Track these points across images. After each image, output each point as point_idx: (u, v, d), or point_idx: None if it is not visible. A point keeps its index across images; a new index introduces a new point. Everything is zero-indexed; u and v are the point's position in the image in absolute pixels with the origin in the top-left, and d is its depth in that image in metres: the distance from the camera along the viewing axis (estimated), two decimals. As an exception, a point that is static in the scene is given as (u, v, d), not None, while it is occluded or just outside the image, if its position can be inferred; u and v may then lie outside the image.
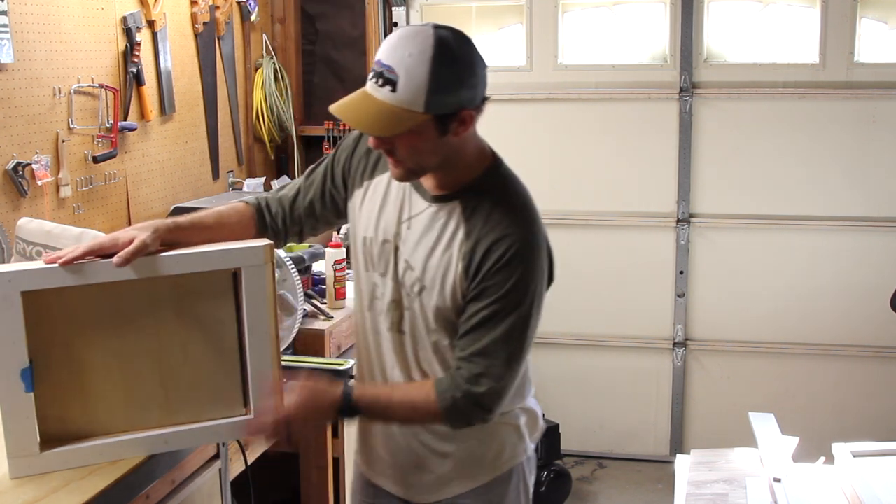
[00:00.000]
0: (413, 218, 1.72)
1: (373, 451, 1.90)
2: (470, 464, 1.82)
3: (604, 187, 4.10)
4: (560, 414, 4.07)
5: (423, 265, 1.69)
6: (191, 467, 1.90)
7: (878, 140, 3.84)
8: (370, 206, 1.79)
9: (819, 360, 4.03)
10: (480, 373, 1.64)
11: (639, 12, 4.02)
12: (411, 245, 1.71)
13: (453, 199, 1.69)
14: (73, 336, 1.61)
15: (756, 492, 2.07)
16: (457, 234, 1.67)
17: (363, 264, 1.80)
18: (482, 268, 1.63)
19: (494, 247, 1.62)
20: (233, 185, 3.98)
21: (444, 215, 1.69)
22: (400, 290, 1.74)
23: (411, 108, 1.54)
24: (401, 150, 1.61)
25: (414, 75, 1.53)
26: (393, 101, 1.54)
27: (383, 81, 1.54)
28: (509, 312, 1.64)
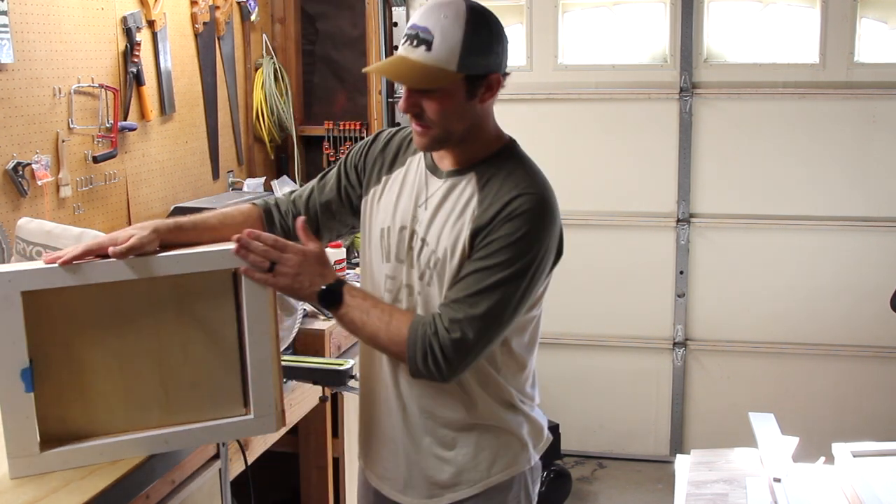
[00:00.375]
0: (429, 199, 1.74)
1: (374, 451, 1.90)
2: (469, 469, 1.80)
3: (604, 187, 4.10)
4: (560, 414, 4.07)
5: (437, 238, 1.71)
6: (191, 467, 1.90)
7: (878, 140, 3.84)
8: (388, 198, 1.81)
9: (819, 360, 4.03)
10: (458, 319, 1.61)
11: (639, 12, 4.02)
12: (426, 223, 1.73)
13: (468, 172, 1.72)
14: (73, 336, 1.61)
15: (756, 492, 2.07)
16: (470, 202, 1.69)
17: (379, 256, 1.80)
18: (490, 224, 1.64)
19: (506, 206, 1.63)
20: (233, 185, 3.98)
21: (459, 188, 1.71)
22: (412, 275, 1.74)
23: (445, 67, 1.60)
24: (430, 111, 1.64)
25: (448, 35, 1.59)
26: (428, 59, 1.60)
27: (418, 42, 1.60)
28: (507, 264, 1.61)
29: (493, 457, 1.80)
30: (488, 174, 1.70)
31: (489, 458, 1.80)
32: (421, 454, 1.81)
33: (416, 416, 1.79)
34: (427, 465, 1.81)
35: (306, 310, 2.94)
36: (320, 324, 2.96)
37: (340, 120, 4.27)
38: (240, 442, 2.21)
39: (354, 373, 2.22)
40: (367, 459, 1.94)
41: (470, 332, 1.61)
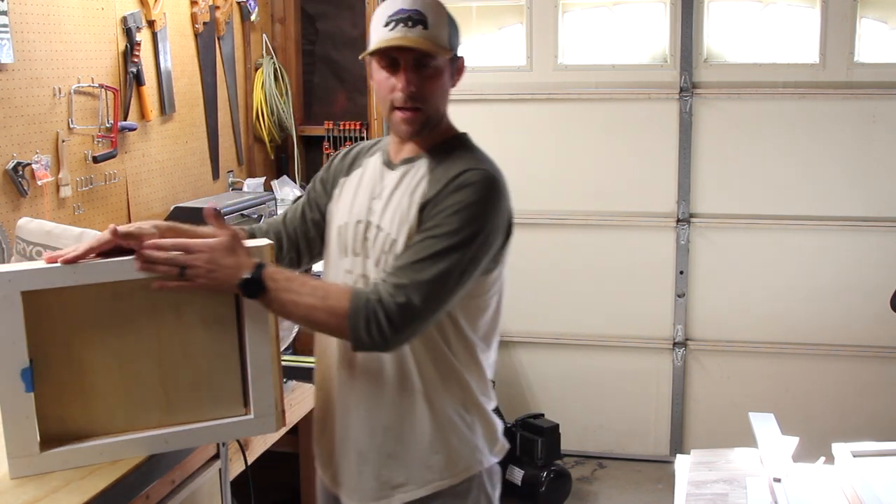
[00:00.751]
0: (384, 189, 1.78)
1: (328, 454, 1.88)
2: (419, 468, 1.78)
3: (604, 187, 4.10)
4: (560, 414, 4.07)
5: (391, 221, 1.73)
6: (191, 467, 1.89)
7: (878, 140, 3.84)
8: (345, 198, 1.84)
9: (819, 360, 4.03)
10: (403, 284, 1.58)
11: (639, 12, 4.02)
12: (380, 211, 1.75)
13: (420, 158, 1.76)
14: (73, 336, 1.61)
15: (756, 492, 2.07)
16: (421, 182, 1.72)
17: (337, 253, 1.82)
18: (438, 195, 1.66)
19: (454, 179, 1.66)
20: (233, 185, 3.98)
21: (411, 173, 1.75)
22: (368, 265, 1.75)
23: (442, 44, 1.68)
24: (426, 89, 1.69)
25: (438, 16, 1.69)
26: (429, 36, 1.67)
27: (413, 22, 1.66)
28: (453, 235, 1.61)
29: (446, 458, 1.78)
30: (439, 157, 1.74)
31: (442, 460, 1.77)
32: (373, 453, 1.79)
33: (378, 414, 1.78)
34: (379, 464, 1.80)
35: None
36: (320, 324, 2.95)
37: (340, 120, 4.28)
38: (240, 442, 2.21)
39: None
40: (321, 462, 1.93)
41: (415, 297, 1.58)
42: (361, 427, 1.80)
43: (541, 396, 4.30)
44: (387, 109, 1.74)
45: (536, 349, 4.24)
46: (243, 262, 1.59)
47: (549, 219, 4.11)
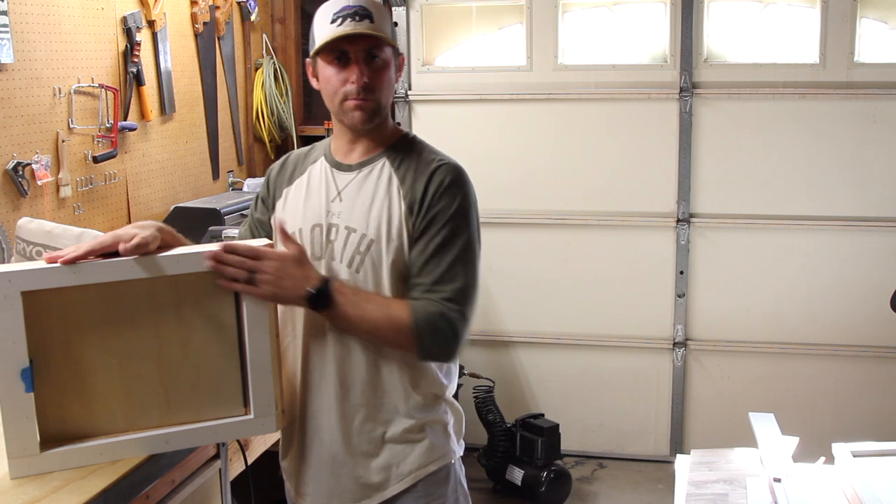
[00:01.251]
0: (343, 191, 1.80)
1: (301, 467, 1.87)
2: (399, 463, 1.80)
3: (604, 187, 4.10)
4: (560, 414, 4.07)
5: (365, 221, 1.75)
6: (191, 467, 1.90)
7: (878, 140, 3.84)
8: (294, 204, 1.85)
9: (819, 360, 4.03)
10: (449, 297, 1.69)
11: (639, 12, 4.02)
12: (346, 212, 1.77)
13: (378, 159, 1.80)
14: (73, 336, 1.61)
15: (756, 492, 2.07)
16: (391, 182, 1.76)
17: None
18: (425, 199, 1.72)
19: (432, 178, 1.74)
20: (233, 185, 3.98)
21: (375, 174, 1.78)
22: (335, 266, 1.75)
23: (389, 36, 1.76)
24: (377, 80, 1.74)
25: (381, 12, 1.75)
26: (376, 29, 1.73)
27: (360, 17, 1.71)
28: (458, 235, 1.72)
29: (424, 448, 1.81)
30: (398, 156, 1.80)
31: (420, 450, 1.80)
32: (350, 455, 1.80)
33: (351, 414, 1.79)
34: (356, 466, 1.80)
35: (306, 310, 2.94)
36: (320, 324, 2.95)
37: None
38: (240, 442, 2.21)
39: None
40: (289, 473, 1.93)
41: (464, 304, 1.70)
42: (334, 429, 1.80)
43: (541, 396, 4.29)
44: (337, 103, 1.77)
45: (536, 349, 4.23)
46: (311, 275, 1.66)
47: (549, 219, 4.11)
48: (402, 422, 1.79)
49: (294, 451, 1.89)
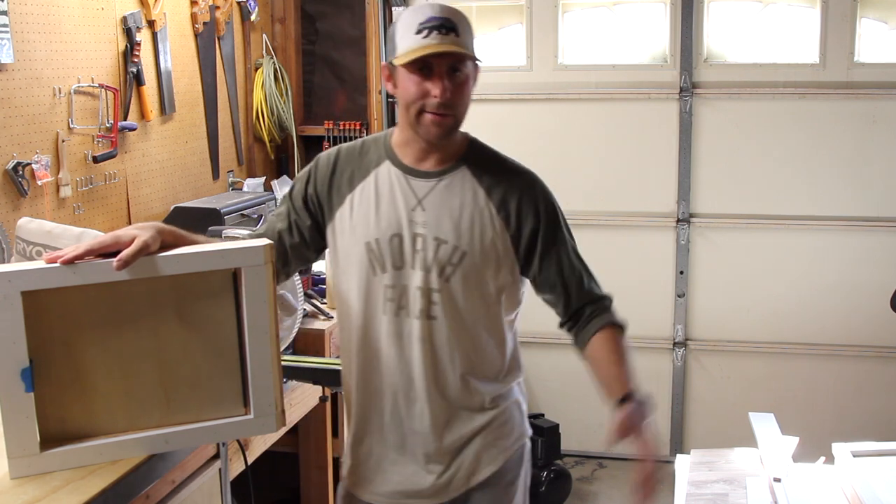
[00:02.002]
0: (424, 199, 1.78)
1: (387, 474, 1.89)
2: (488, 449, 1.87)
3: (604, 187, 4.10)
4: (560, 414, 4.07)
5: (455, 233, 1.76)
6: (191, 467, 1.90)
7: (878, 140, 3.84)
8: (362, 212, 1.81)
9: (819, 360, 4.03)
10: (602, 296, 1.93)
11: (639, 12, 4.02)
12: (434, 222, 1.77)
13: (456, 168, 1.80)
14: (73, 336, 1.60)
15: (756, 492, 2.07)
16: (478, 193, 1.79)
17: (369, 269, 1.80)
18: (530, 213, 1.81)
19: (523, 193, 1.81)
20: (233, 185, 3.98)
21: (457, 183, 1.79)
22: (423, 277, 1.77)
23: (472, 50, 1.75)
24: (458, 96, 1.73)
25: (464, 24, 1.74)
26: (462, 44, 1.71)
27: (446, 30, 1.70)
28: (570, 241, 1.91)
29: (511, 427, 1.91)
30: (475, 166, 1.81)
31: (507, 432, 1.90)
32: (441, 449, 1.84)
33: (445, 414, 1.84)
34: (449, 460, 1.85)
35: (306, 310, 2.95)
36: (320, 324, 2.96)
37: (340, 120, 4.28)
38: (240, 442, 2.21)
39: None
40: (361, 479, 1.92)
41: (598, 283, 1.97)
42: (425, 428, 1.84)
43: (541, 396, 4.29)
44: (414, 114, 1.74)
45: (536, 349, 4.23)
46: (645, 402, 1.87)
47: (549, 219, 4.11)
48: (489, 412, 1.87)
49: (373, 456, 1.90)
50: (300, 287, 2.76)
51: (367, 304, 1.82)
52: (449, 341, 1.80)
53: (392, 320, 1.80)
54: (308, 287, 3.11)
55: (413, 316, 1.79)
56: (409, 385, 1.82)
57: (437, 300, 1.77)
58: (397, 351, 1.81)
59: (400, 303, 1.79)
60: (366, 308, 1.83)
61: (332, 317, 3.01)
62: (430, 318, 1.78)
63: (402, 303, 1.79)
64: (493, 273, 1.79)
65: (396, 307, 1.79)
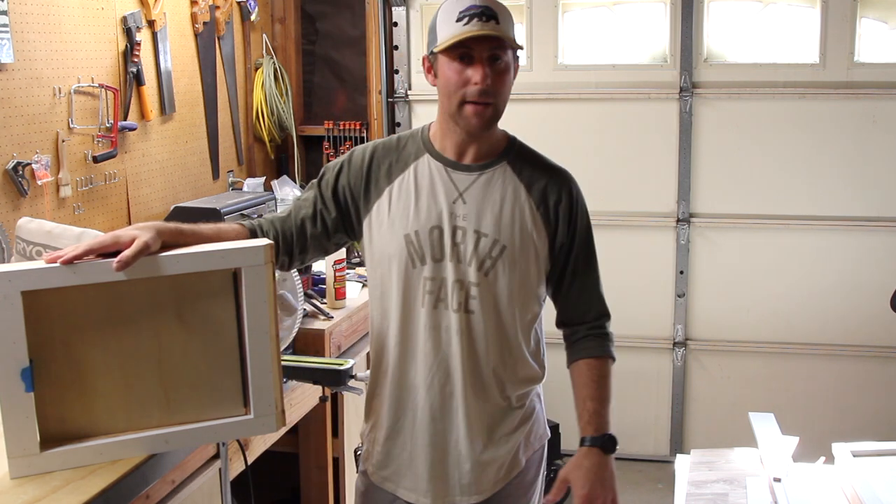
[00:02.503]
0: (465, 192, 1.79)
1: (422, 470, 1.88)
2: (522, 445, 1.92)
3: (604, 187, 4.10)
4: (560, 414, 4.06)
5: (496, 227, 1.77)
6: (191, 467, 1.90)
7: (878, 140, 3.84)
8: (401, 205, 1.81)
9: (819, 360, 4.03)
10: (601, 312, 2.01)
11: (639, 12, 4.02)
12: (474, 215, 1.78)
13: (498, 163, 1.82)
14: (73, 336, 1.60)
15: (756, 492, 2.07)
16: (518, 189, 1.80)
17: (408, 262, 1.80)
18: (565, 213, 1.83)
19: (562, 190, 1.84)
20: (233, 185, 3.98)
21: (498, 178, 1.80)
22: (462, 269, 1.77)
23: (513, 38, 1.74)
24: (499, 83, 1.73)
25: (504, 12, 1.74)
26: (502, 31, 1.71)
27: (487, 17, 1.70)
28: (594, 252, 1.92)
29: (534, 429, 1.95)
30: (517, 163, 1.84)
31: (532, 432, 1.94)
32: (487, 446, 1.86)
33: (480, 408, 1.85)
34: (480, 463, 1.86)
35: (306, 310, 2.95)
36: (320, 324, 2.96)
37: (340, 120, 4.27)
38: (240, 442, 2.21)
39: (354, 373, 2.22)
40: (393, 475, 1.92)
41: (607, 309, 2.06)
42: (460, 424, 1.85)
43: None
44: (455, 104, 1.74)
45: (536, 349, 4.23)
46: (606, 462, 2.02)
47: (549, 219, 4.11)
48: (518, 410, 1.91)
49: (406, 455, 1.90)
50: (300, 287, 2.76)
51: (405, 297, 1.81)
52: (486, 335, 1.81)
53: (430, 313, 1.80)
54: (308, 287, 3.11)
55: (451, 309, 1.79)
56: (447, 379, 1.82)
57: (475, 294, 1.78)
58: (434, 344, 1.81)
59: (439, 295, 1.79)
60: (404, 301, 1.82)
61: (331, 317, 3.01)
62: (468, 312, 1.78)
63: (440, 295, 1.79)
64: (534, 266, 1.82)
65: (435, 300, 1.79)
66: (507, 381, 1.86)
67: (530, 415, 1.93)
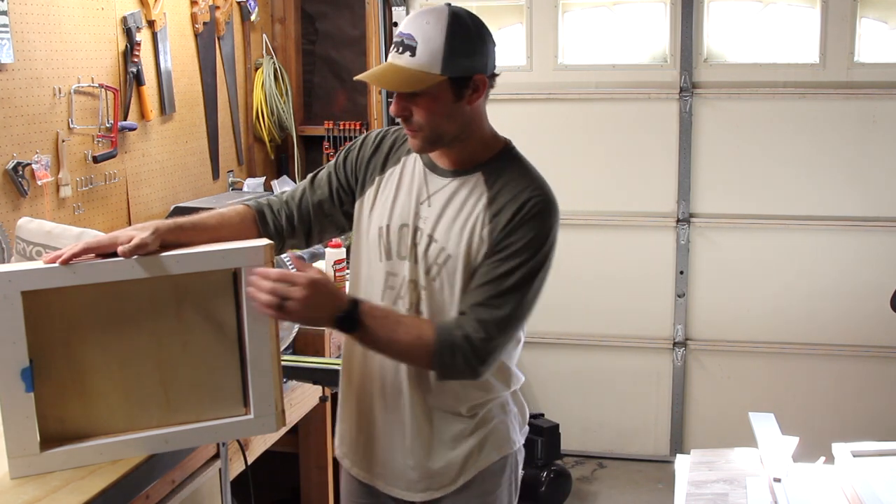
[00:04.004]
0: (433, 196, 1.78)
1: (371, 453, 1.89)
2: (465, 452, 1.83)
3: (604, 187, 4.10)
4: (560, 414, 4.07)
5: (446, 234, 1.75)
6: (191, 467, 1.90)
7: (878, 140, 3.84)
8: (384, 197, 1.83)
9: (819, 360, 4.03)
10: (485, 320, 1.68)
11: (639, 12, 4.02)
12: (433, 220, 1.77)
13: (474, 172, 1.77)
14: (73, 336, 1.61)
15: (756, 492, 2.07)
16: (479, 201, 1.74)
17: (377, 254, 1.82)
18: (509, 223, 1.70)
19: (518, 203, 1.71)
20: (233, 185, 3.98)
21: (467, 187, 1.76)
22: (417, 270, 1.77)
23: (429, 71, 1.67)
24: (418, 115, 1.70)
25: (431, 40, 1.67)
26: (413, 65, 1.67)
27: (403, 48, 1.68)
28: (522, 266, 1.70)
29: (490, 440, 1.85)
30: (494, 175, 1.76)
31: (487, 442, 1.84)
32: (428, 446, 1.83)
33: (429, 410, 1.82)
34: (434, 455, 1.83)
35: (306, 310, 2.94)
36: (320, 324, 2.95)
37: (340, 120, 4.28)
38: (240, 442, 2.21)
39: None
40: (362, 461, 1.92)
41: (496, 332, 1.69)
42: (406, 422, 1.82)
43: (541, 396, 4.29)
44: None
45: (536, 349, 4.23)
46: (340, 300, 1.65)
47: (549, 219, 4.11)
48: (468, 418, 1.83)
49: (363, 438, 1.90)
50: (300, 287, 2.75)
51: (370, 288, 1.84)
52: None
53: (389, 306, 1.80)
54: (308, 287, 3.11)
55: (405, 308, 1.79)
56: (396, 374, 1.81)
57: (424, 297, 1.77)
58: None
59: (399, 292, 1.79)
60: (369, 292, 1.84)
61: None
62: (419, 313, 1.78)
63: (400, 293, 1.79)
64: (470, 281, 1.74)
65: (395, 296, 1.80)
66: (458, 389, 1.80)
67: (484, 425, 1.84)
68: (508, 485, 1.90)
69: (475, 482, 1.85)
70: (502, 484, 1.88)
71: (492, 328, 1.68)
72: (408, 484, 1.86)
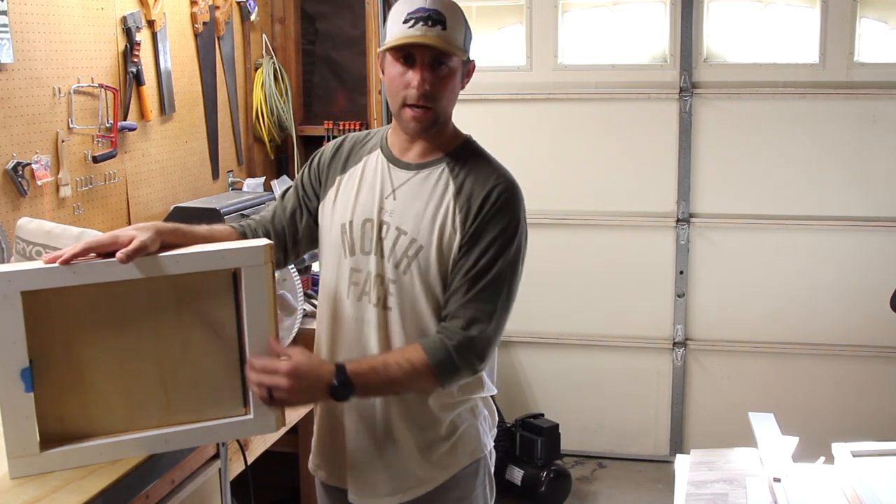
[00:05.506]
0: (397, 189, 1.79)
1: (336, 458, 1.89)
2: (436, 456, 1.83)
3: (604, 187, 4.10)
4: (560, 414, 4.07)
5: (416, 226, 1.75)
6: (191, 467, 1.90)
7: (878, 140, 3.84)
8: (345, 195, 1.84)
9: (819, 360, 4.03)
10: (474, 317, 1.70)
11: (639, 12, 4.02)
12: (399, 212, 1.77)
13: (438, 163, 1.79)
14: (73, 336, 1.60)
15: (756, 492, 2.07)
16: (447, 190, 1.76)
17: (341, 252, 1.82)
18: (479, 215, 1.72)
19: (490, 194, 1.73)
20: (233, 185, 3.98)
21: (433, 178, 1.78)
22: (384, 265, 1.77)
23: (458, 45, 1.73)
24: (439, 89, 1.72)
25: (455, 17, 1.73)
26: (447, 36, 1.70)
27: (433, 22, 1.69)
28: (499, 257, 1.73)
29: (461, 444, 1.85)
30: (458, 164, 1.79)
31: (459, 446, 1.85)
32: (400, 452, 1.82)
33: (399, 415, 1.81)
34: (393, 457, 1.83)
35: (306, 309, 2.94)
36: (320, 324, 2.95)
37: (340, 120, 4.28)
38: (240, 442, 2.21)
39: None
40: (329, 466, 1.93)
41: (486, 324, 1.71)
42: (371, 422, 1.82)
43: (541, 396, 4.29)
44: (397, 105, 1.75)
45: (536, 349, 4.23)
46: (324, 373, 1.64)
47: (549, 219, 4.11)
48: (439, 422, 1.82)
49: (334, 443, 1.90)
50: (300, 287, 2.76)
51: (336, 286, 1.84)
52: (404, 335, 1.77)
53: (354, 305, 1.81)
54: (308, 287, 3.11)
55: (371, 303, 1.79)
56: None
57: (392, 291, 1.77)
58: (356, 336, 1.81)
59: (363, 288, 1.80)
60: (335, 290, 1.84)
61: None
62: (386, 308, 1.78)
63: (365, 289, 1.80)
64: (446, 270, 1.75)
65: (360, 292, 1.80)
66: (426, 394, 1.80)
67: (455, 430, 1.84)
68: (483, 488, 1.91)
69: (449, 487, 1.84)
70: (476, 487, 1.89)
71: (483, 323, 1.70)
72: (381, 490, 1.85)
